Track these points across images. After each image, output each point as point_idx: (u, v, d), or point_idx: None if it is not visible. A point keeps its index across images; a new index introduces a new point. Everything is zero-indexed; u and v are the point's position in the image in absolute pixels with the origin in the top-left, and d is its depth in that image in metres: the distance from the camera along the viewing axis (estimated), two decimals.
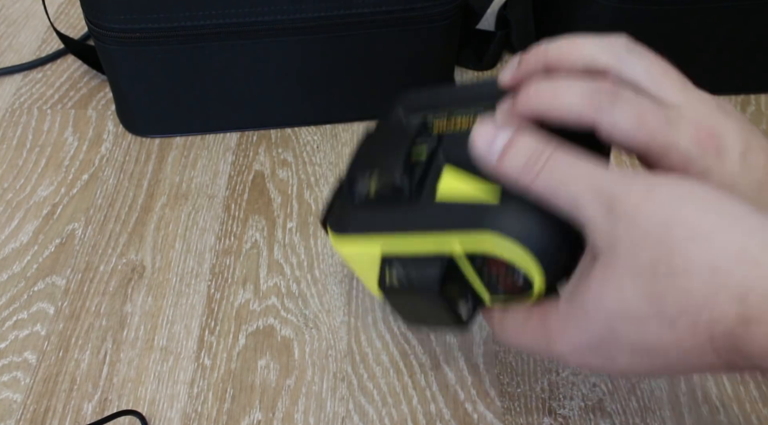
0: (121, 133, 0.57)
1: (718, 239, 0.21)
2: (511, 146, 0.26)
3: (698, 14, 0.53)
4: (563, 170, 0.25)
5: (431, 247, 0.29)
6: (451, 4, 0.50)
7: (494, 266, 0.28)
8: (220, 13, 0.48)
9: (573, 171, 0.25)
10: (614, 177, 0.24)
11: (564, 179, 0.25)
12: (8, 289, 0.47)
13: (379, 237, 0.30)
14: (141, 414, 0.41)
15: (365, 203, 0.32)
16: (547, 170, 0.25)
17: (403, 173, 0.29)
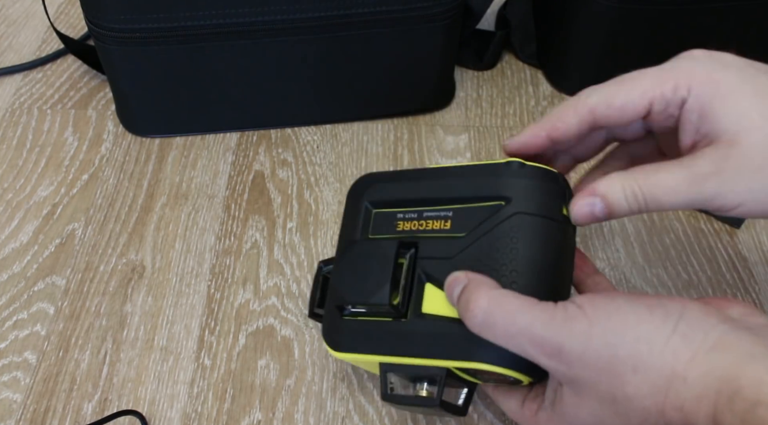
0: (121, 133, 0.57)
1: (654, 366, 0.26)
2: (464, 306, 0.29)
3: (698, 14, 0.53)
4: (503, 328, 0.28)
5: (427, 364, 0.31)
6: (451, 4, 0.50)
7: (486, 374, 0.31)
8: (220, 13, 0.48)
9: (512, 329, 0.28)
10: (552, 327, 0.27)
11: (508, 336, 0.28)
12: (8, 289, 0.47)
13: (381, 357, 0.32)
14: (141, 414, 0.41)
15: (355, 319, 0.34)
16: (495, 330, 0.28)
17: (390, 302, 0.32)
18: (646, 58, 0.56)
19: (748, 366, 0.24)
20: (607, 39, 0.55)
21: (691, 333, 0.26)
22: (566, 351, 0.27)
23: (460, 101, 0.60)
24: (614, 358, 0.26)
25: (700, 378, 0.25)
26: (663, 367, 0.26)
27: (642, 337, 0.26)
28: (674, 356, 0.26)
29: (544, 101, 0.60)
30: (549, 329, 0.27)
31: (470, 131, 0.58)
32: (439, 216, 0.33)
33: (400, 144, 0.56)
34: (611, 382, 0.27)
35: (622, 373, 0.26)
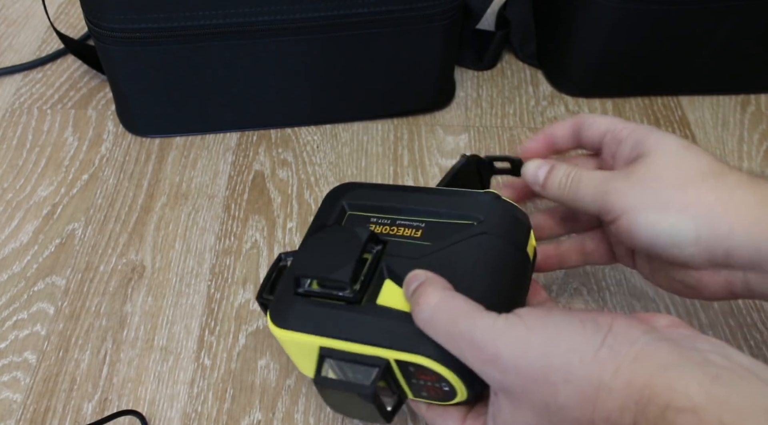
0: (121, 133, 0.57)
1: (583, 377, 0.27)
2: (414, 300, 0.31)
3: (698, 14, 0.53)
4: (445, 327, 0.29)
5: (368, 352, 0.31)
6: (451, 4, 0.50)
7: (423, 376, 0.31)
8: (220, 13, 0.48)
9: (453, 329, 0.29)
10: (491, 332, 0.28)
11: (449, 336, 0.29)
12: (8, 289, 0.47)
13: (322, 339, 0.32)
14: (141, 414, 0.41)
15: (307, 296, 0.33)
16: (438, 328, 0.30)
17: (350, 281, 0.32)
18: (646, 58, 0.56)
19: (661, 375, 0.25)
20: (607, 39, 0.55)
21: (617, 344, 0.27)
22: (502, 358, 0.28)
23: (460, 101, 0.60)
24: (548, 368, 0.27)
25: (623, 389, 0.26)
26: (591, 378, 0.27)
27: (574, 348, 0.27)
28: (601, 367, 0.27)
29: (544, 101, 0.60)
30: (488, 334, 0.28)
31: (470, 131, 0.58)
32: (411, 225, 0.35)
33: (400, 144, 0.56)
34: (544, 391, 0.28)
35: (554, 383, 0.27)
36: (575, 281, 0.47)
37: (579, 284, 0.47)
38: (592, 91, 0.60)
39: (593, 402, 0.27)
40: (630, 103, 0.60)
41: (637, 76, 0.58)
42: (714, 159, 0.34)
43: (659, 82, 0.59)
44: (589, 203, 0.36)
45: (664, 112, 0.59)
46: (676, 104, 0.60)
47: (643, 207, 0.33)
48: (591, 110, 0.59)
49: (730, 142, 0.56)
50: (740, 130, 0.57)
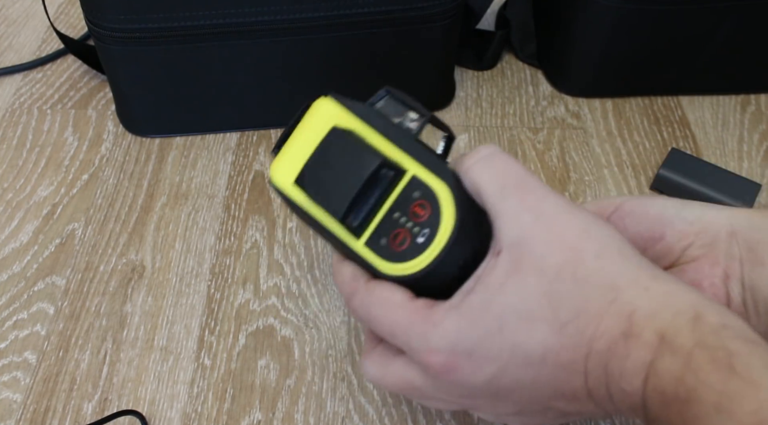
0: (121, 133, 0.57)
1: (618, 264, 0.25)
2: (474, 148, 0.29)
3: (698, 14, 0.53)
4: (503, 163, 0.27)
5: (395, 157, 0.29)
6: (451, 4, 0.50)
7: (418, 209, 0.28)
8: (220, 13, 0.48)
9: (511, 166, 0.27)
10: (547, 187, 0.27)
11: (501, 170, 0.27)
12: (8, 289, 0.47)
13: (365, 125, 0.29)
14: (141, 414, 0.41)
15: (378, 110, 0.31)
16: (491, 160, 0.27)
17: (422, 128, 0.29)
18: (646, 58, 0.56)
19: (712, 303, 0.24)
20: (607, 39, 0.55)
21: (656, 267, 0.26)
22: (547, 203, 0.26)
23: (460, 101, 0.60)
24: (585, 233, 0.25)
25: (663, 295, 0.24)
26: (628, 269, 0.25)
27: (617, 238, 0.26)
28: (641, 267, 0.25)
29: (544, 101, 0.60)
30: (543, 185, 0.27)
31: (470, 131, 0.58)
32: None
33: None
34: (568, 255, 0.25)
35: (585, 250, 0.25)
36: None
37: None
38: (592, 91, 0.60)
39: (618, 293, 0.24)
40: (630, 103, 0.60)
41: (637, 76, 0.58)
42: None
43: (659, 82, 0.59)
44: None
45: (664, 112, 0.59)
46: (676, 104, 0.60)
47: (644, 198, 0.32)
48: (591, 110, 0.59)
49: (730, 142, 0.56)
50: (740, 130, 0.57)
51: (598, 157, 0.55)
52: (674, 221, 0.32)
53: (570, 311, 0.24)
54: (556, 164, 0.55)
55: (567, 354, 0.24)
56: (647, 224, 0.32)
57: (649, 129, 0.58)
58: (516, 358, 0.25)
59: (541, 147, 0.56)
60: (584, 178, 0.54)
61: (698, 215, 0.32)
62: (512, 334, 0.25)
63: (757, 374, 0.21)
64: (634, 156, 0.55)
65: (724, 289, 0.31)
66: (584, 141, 0.57)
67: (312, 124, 0.31)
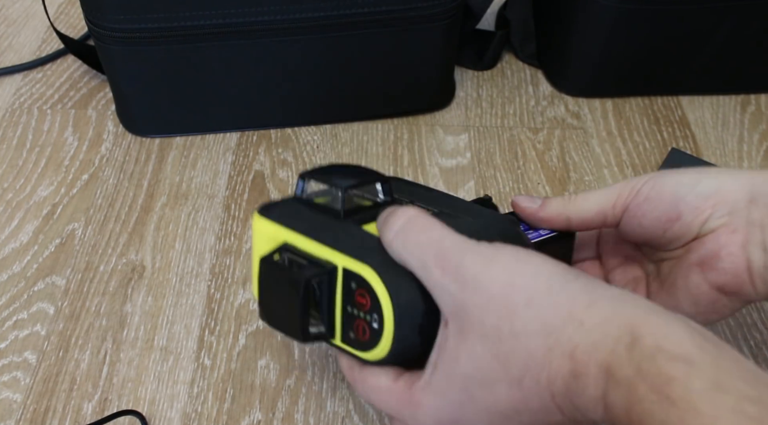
0: (121, 133, 0.57)
1: (549, 304, 0.25)
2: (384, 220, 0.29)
3: (698, 14, 0.53)
4: (416, 235, 0.28)
5: (323, 255, 0.30)
6: (451, 4, 0.50)
7: (361, 298, 0.29)
8: (220, 13, 0.48)
9: (423, 237, 0.27)
10: (461, 244, 0.27)
11: (417, 244, 0.27)
12: (8, 289, 0.47)
13: (290, 232, 0.32)
14: (141, 414, 0.41)
15: (305, 200, 0.34)
16: (407, 236, 0.28)
17: (344, 194, 0.31)
18: (646, 58, 0.56)
19: (650, 317, 0.23)
20: (607, 39, 0.55)
21: (591, 283, 0.25)
22: (464, 268, 0.26)
23: (460, 101, 0.60)
24: (510, 286, 0.25)
25: (598, 325, 0.24)
26: (559, 307, 0.25)
27: (543, 272, 0.26)
28: (572, 297, 0.25)
29: (544, 101, 0.60)
30: (457, 245, 0.27)
31: (470, 131, 0.58)
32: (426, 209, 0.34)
33: (400, 144, 0.56)
34: (501, 313, 0.25)
35: (514, 303, 0.25)
36: None
37: None
38: (592, 91, 0.60)
39: (556, 334, 0.24)
40: (630, 103, 0.60)
41: (637, 76, 0.58)
42: None
43: (659, 82, 0.59)
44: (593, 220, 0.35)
45: (664, 112, 0.59)
46: (676, 104, 0.60)
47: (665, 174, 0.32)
48: (591, 110, 0.59)
49: (730, 142, 0.56)
50: (740, 130, 0.57)
51: (598, 157, 0.55)
52: (689, 199, 0.32)
53: (519, 366, 0.25)
54: (556, 164, 0.55)
55: (535, 402, 0.25)
56: (664, 207, 0.32)
57: (649, 129, 0.58)
58: (494, 416, 0.26)
59: (541, 147, 0.56)
60: (584, 178, 0.54)
61: (714, 186, 0.32)
62: (482, 400, 0.26)
63: (697, 397, 0.21)
64: (634, 156, 0.55)
65: (743, 256, 0.31)
66: (584, 141, 0.57)
67: (255, 249, 0.34)
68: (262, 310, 0.33)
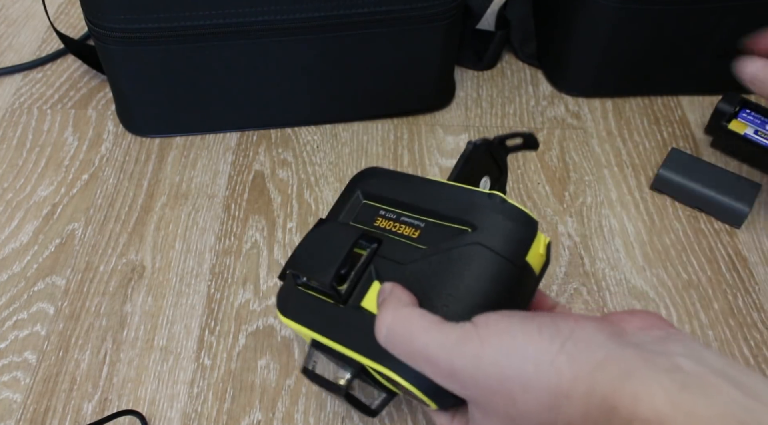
0: (121, 133, 0.57)
1: (541, 387, 0.26)
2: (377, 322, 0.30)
3: (698, 14, 0.53)
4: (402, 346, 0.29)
5: (346, 353, 0.32)
6: (451, 4, 0.50)
7: (400, 386, 0.31)
8: (220, 13, 0.48)
9: (408, 347, 0.29)
10: (446, 347, 0.28)
11: (407, 354, 0.29)
12: (8, 289, 0.47)
13: (312, 332, 0.34)
14: (141, 414, 0.41)
15: (305, 290, 0.35)
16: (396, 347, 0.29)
17: (331, 284, 0.32)
18: (646, 58, 0.56)
19: (625, 383, 0.25)
20: (607, 39, 0.55)
21: (577, 351, 0.26)
22: (458, 372, 0.28)
23: (460, 101, 0.60)
24: (504, 379, 0.27)
25: (583, 397, 0.25)
26: (549, 386, 0.26)
27: (529, 356, 0.27)
28: (558, 375, 0.26)
29: (544, 101, 0.60)
30: (442, 350, 0.28)
31: (470, 131, 0.58)
32: (412, 224, 0.35)
33: (400, 144, 0.56)
34: (505, 401, 0.27)
35: (512, 392, 0.27)
36: (575, 281, 0.47)
37: (579, 285, 0.47)
38: (592, 91, 0.60)
39: (554, 410, 0.26)
40: (630, 103, 0.60)
41: (637, 76, 0.58)
42: None
43: (659, 82, 0.59)
44: None
45: (664, 112, 0.59)
46: (676, 104, 0.60)
47: None
48: (591, 110, 0.59)
49: None
50: None
51: (598, 157, 0.55)
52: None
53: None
54: (556, 164, 0.55)
55: None
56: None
57: (649, 129, 0.58)
58: None
59: (541, 147, 0.56)
60: (584, 178, 0.54)
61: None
62: None
63: None
64: (634, 156, 0.55)
65: None
66: (584, 141, 0.57)
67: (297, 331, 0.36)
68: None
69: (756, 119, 0.54)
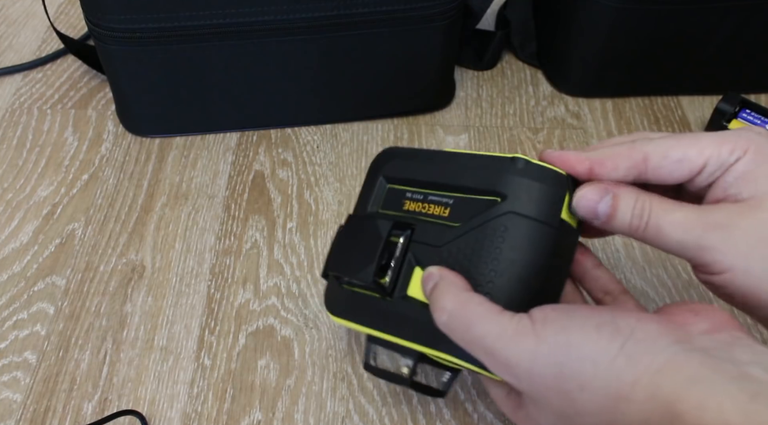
0: (121, 133, 0.57)
1: (600, 387, 0.26)
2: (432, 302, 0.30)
3: (698, 14, 0.53)
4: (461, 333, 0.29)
5: (403, 344, 0.33)
6: (451, 4, 0.50)
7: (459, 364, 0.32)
8: (221, 13, 0.48)
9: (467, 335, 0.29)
10: (502, 338, 0.28)
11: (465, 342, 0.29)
12: (8, 289, 0.47)
13: (365, 328, 0.34)
14: (141, 414, 0.41)
15: (351, 288, 0.35)
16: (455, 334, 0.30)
17: (374, 280, 0.32)
18: (646, 58, 0.56)
19: (690, 391, 0.24)
20: (607, 39, 0.55)
21: (637, 353, 0.25)
22: (513, 366, 0.27)
23: (460, 101, 0.60)
24: (560, 377, 0.26)
25: (644, 402, 0.25)
26: (608, 388, 0.26)
27: (586, 356, 0.26)
28: (618, 377, 0.25)
29: (544, 101, 0.60)
30: (498, 342, 0.27)
31: (470, 130, 0.58)
32: (441, 202, 0.33)
33: (400, 144, 0.56)
34: (561, 399, 0.27)
35: (569, 391, 0.26)
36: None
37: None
38: (592, 91, 0.60)
39: (613, 412, 0.25)
40: (630, 103, 0.60)
41: (637, 76, 0.58)
42: None
43: (659, 82, 0.59)
44: (673, 249, 0.29)
45: (664, 112, 0.59)
46: (676, 104, 0.60)
47: (749, 273, 0.28)
48: (591, 110, 0.59)
49: None
50: None
51: None
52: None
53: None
54: None
55: None
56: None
57: (649, 129, 0.58)
58: None
59: (541, 147, 0.56)
60: None
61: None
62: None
63: None
64: None
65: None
66: (584, 141, 0.57)
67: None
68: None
69: (756, 119, 0.54)
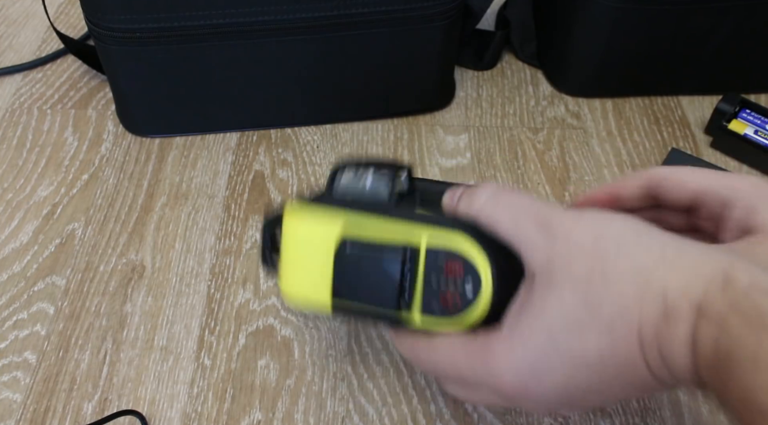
0: (121, 133, 0.57)
1: (640, 248, 0.25)
2: (467, 192, 0.31)
3: (698, 14, 0.53)
4: (508, 197, 0.30)
5: (397, 236, 0.29)
6: (451, 4, 0.50)
7: (450, 271, 0.29)
8: (220, 13, 0.48)
9: (515, 198, 0.29)
10: (550, 207, 0.29)
11: (511, 205, 0.29)
12: (8, 289, 0.47)
13: (345, 213, 0.30)
14: (141, 414, 0.41)
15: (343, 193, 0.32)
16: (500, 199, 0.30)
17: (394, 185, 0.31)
18: (646, 58, 0.56)
19: (741, 261, 0.24)
20: (607, 39, 0.55)
21: (680, 237, 0.26)
22: (556, 223, 0.27)
23: (460, 101, 0.60)
24: (600, 237, 0.26)
25: (690, 267, 0.24)
26: (651, 250, 0.25)
27: (630, 225, 0.26)
28: (663, 244, 0.25)
29: (544, 101, 0.60)
30: (546, 206, 0.29)
31: (470, 131, 0.58)
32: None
33: (400, 144, 0.56)
34: (590, 260, 0.26)
35: (605, 250, 0.26)
36: None
37: None
38: (592, 91, 0.60)
39: (647, 275, 0.25)
40: (630, 103, 0.60)
41: (637, 76, 0.58)
42: None
43: (659, 82, 0.59)
44: None
45: (664, 112, 0.59)
46: (676, 104, 0.60)
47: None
48: (591, 110, 0.59)
49: None
50: None
51: (598, 157, 0.55)
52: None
53: (610, 311, 0.25)
54: (556, 164, 0.55)
55: (622, 350, 0.25)
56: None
57: (649, 129, 0.58)
58: (578, 368, 0.26)
59: (541, 147, 0.56)
60: (584, 178, 0.54)
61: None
62: (567, 348, 0.26)
63: None
64: (634, 156, 0.55)
65: None
66: (584, 141, 0.57)
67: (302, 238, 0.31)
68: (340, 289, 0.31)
69: (756, 118, 0.54)
